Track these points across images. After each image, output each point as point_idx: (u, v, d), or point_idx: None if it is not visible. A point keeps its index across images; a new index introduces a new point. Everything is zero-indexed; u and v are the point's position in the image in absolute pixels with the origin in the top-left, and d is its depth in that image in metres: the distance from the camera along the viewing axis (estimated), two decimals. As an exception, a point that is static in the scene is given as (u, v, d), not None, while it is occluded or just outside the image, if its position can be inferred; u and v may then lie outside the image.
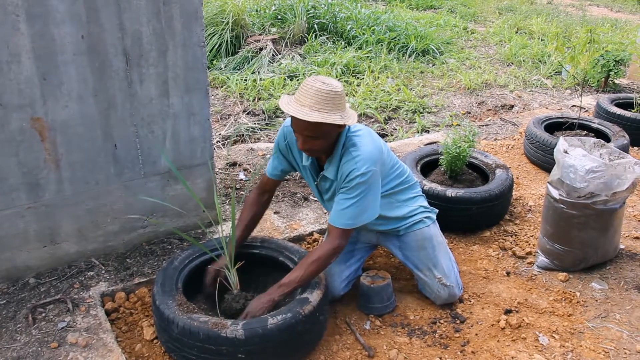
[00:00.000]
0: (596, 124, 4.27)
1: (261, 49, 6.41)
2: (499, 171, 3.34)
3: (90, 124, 2.46)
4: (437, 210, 2.68)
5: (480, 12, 10.63)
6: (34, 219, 2.49)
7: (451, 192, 3.10)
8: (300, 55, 6.57)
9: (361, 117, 5.16)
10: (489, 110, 5.60)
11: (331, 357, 2.30)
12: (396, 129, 4.95)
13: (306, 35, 7.01)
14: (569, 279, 2.82)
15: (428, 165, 3.54)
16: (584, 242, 2.79)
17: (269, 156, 4.04)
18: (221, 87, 5.71)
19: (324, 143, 2.15)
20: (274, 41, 6.66)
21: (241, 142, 4.57)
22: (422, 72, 6.62)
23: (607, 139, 4.04)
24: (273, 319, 2.03)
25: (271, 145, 4.30)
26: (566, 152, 2.75)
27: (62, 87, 2.33)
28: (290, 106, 2.06)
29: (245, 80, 5.74)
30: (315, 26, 7.22)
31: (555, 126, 4.34)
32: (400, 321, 2.52)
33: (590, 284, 2.79)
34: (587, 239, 2.78)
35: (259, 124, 4.89)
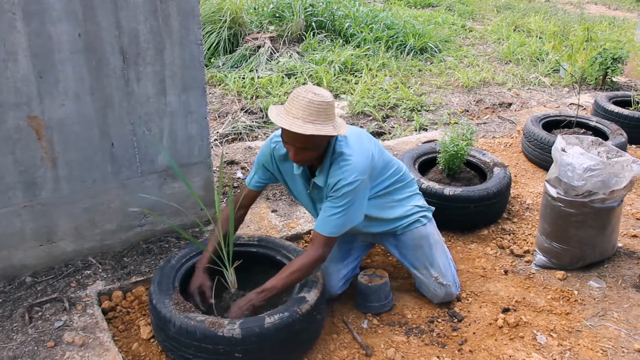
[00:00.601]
0: (594, 122, 4.27)
1: (259, 47, 6.40)
2: (496, 169, 3.34)
3: (87, 122, 2.45)
4: (433, 209, 2.68)
5: (478, 10, 10.61)
6: (30, 218, 2.49)
7: (449, 190, 3.10)
8: (298, 53, 6.56)
9: (359, 115, 5.16)
10: (487, 108, 5.60)
11: (328, 356, 2.30)
12: (394, 127, 4.94)
13: (304, 33, 6.99)
14: (566, 277, 2.82)
15: (426, 164, 3.54)
16: (581, 240, 2.79)
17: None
18: (219, 85, 5.70)
19: (315, 153, 2.15)
20: (272, 39, 6.64)
21: (239, 140, 4.56)
22: (420, 70, 6.61)
23: (605, 137, 4.04)
24: (270, 318, 2.03)
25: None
26: (564, 150, 2.75)
27: (58, 85, 2.32)
28: (281, 118, 2.04)
29: (243, 79, 5.72)
30: (313, 24, 7.20)
31: (553, 124, 4.34)
32: (398, 320, 2.52)
33: (588, 282, 2.79)
34: (584, 237, 2.78)
35: (256, 122, 4.88)
